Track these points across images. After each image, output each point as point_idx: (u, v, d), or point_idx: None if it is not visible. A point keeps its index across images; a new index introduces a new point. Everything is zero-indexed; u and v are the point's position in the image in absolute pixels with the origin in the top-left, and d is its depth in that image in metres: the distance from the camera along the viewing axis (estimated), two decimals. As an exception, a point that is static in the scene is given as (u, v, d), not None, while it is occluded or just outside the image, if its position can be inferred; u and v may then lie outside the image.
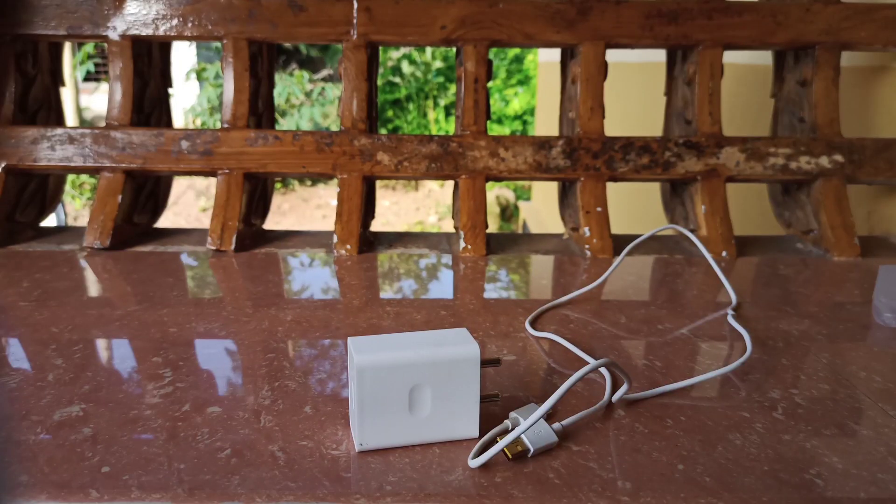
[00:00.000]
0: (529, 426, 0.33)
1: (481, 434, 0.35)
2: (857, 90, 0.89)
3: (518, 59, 5.61)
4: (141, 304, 0.55)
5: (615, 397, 0.39)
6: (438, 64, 5.66)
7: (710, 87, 0.75)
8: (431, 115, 5.72)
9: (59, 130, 0.74)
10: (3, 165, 0.73)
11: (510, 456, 0.33)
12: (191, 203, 4.66)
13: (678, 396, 0.40)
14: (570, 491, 0.31)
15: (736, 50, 0.77)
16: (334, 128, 4.87)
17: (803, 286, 0.63)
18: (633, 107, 1.54)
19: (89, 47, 4.46)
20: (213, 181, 0.76)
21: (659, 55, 0.83)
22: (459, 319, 0.53)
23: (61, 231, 0.78)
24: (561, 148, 0.74)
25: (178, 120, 4.96)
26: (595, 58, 0.75)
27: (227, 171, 0.74)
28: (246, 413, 0.37)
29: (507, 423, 0.36)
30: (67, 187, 3.71)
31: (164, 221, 0.86)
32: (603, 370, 0.42)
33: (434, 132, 5.36)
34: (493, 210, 4.13)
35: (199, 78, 5.01)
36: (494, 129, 5.17)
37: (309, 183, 5.22)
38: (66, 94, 4.52)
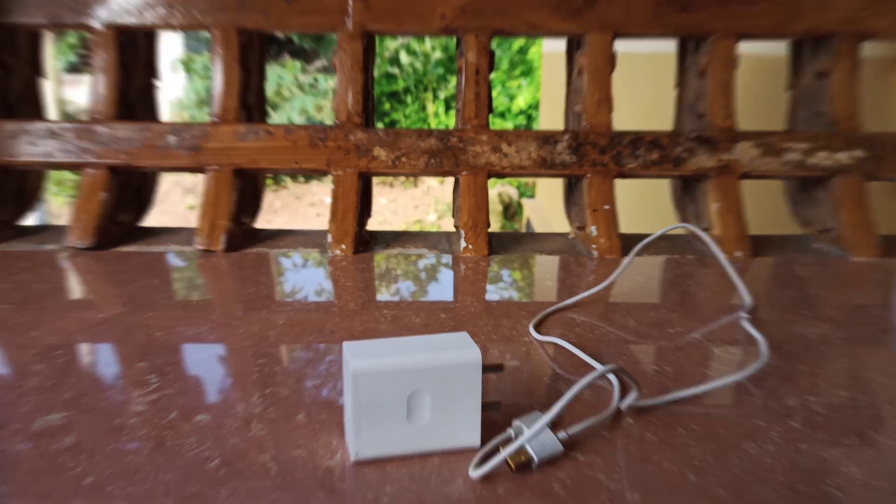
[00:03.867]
0: (533, 435, 0.32)
1: (483, 443, 0.34)
2: (878, 82, 0.88)
3: (521, 50, 5.61)
4: (125, 306, 0.54)
5: (624, 405, 0.39)
6: (438, 55, 5.66)
7: (723, 79, 0.75)
8: (431, 108, 5.72)
9: (40, 124, 0.74)
10: (-19, 161, 0.73)
11: (513, 466, 0.32)
12: (178, 200, 4.66)
13: (690, 404, 0.40)
14: (576, 503, 0.30)
15: (751, 40, 0.76)
16: (328, 121, 4.86)
17: (821, 288, 0.63)
18: (642, 100, 1.53)
19: (72, 37, 4.45)
20: (201, 178, 0.75)
21: (670, 45, 0.83)
22: (460, 323, 0.52)
23: (42, 230, 0.78)
24: (567, 143, 0.74)
25: (165, 113, 4.96)
26: (603, 48, 0.75)
27: (216, 167, 0.73)
28: (236, 421, 0.37)
29: (510, 431, 0.35)
30: (49, 184, 3.69)
31: (150, 220, 0.86)
32: (611, 376, 0.42)
33: (433, 126, 5.35)
34: (495, 208, 4.14)
35: (187, 69, 5.00)
36: (496, 124, 5.18)
37: (302, 179, 5.23)
38: (48, 87, 4.51)
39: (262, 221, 0.86)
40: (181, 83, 5.28)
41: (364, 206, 0.77)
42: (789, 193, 0.84)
